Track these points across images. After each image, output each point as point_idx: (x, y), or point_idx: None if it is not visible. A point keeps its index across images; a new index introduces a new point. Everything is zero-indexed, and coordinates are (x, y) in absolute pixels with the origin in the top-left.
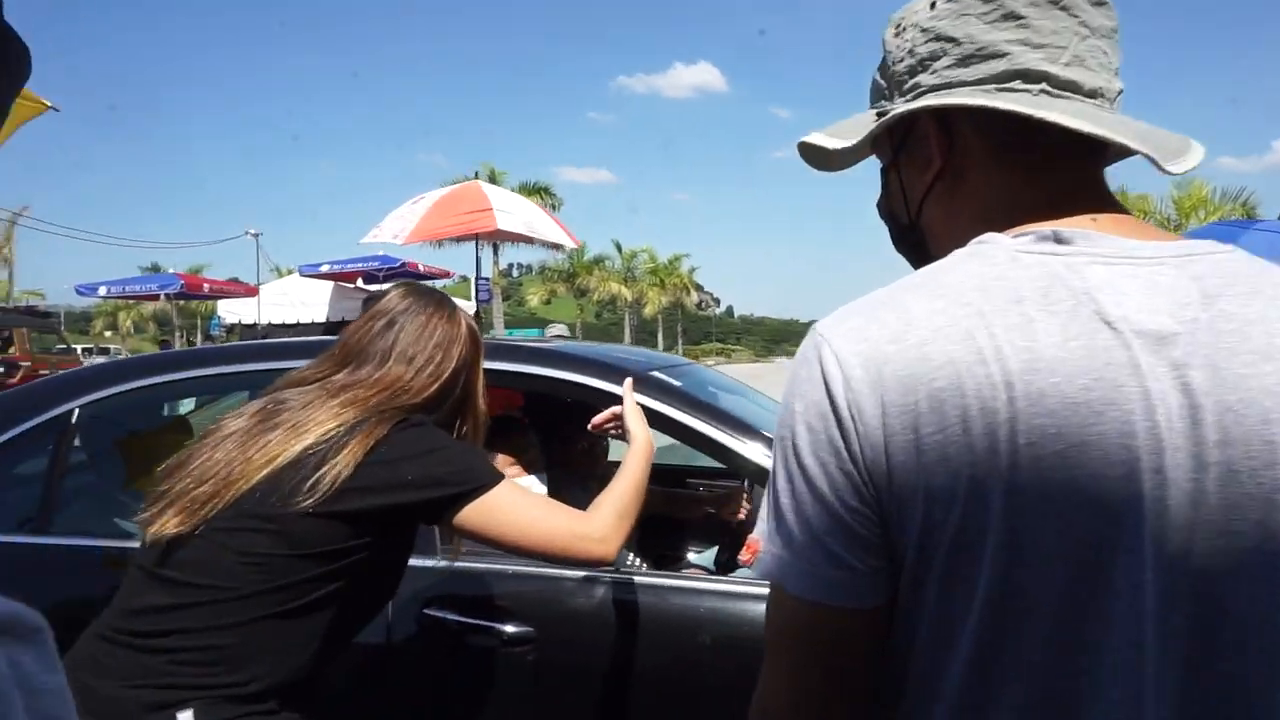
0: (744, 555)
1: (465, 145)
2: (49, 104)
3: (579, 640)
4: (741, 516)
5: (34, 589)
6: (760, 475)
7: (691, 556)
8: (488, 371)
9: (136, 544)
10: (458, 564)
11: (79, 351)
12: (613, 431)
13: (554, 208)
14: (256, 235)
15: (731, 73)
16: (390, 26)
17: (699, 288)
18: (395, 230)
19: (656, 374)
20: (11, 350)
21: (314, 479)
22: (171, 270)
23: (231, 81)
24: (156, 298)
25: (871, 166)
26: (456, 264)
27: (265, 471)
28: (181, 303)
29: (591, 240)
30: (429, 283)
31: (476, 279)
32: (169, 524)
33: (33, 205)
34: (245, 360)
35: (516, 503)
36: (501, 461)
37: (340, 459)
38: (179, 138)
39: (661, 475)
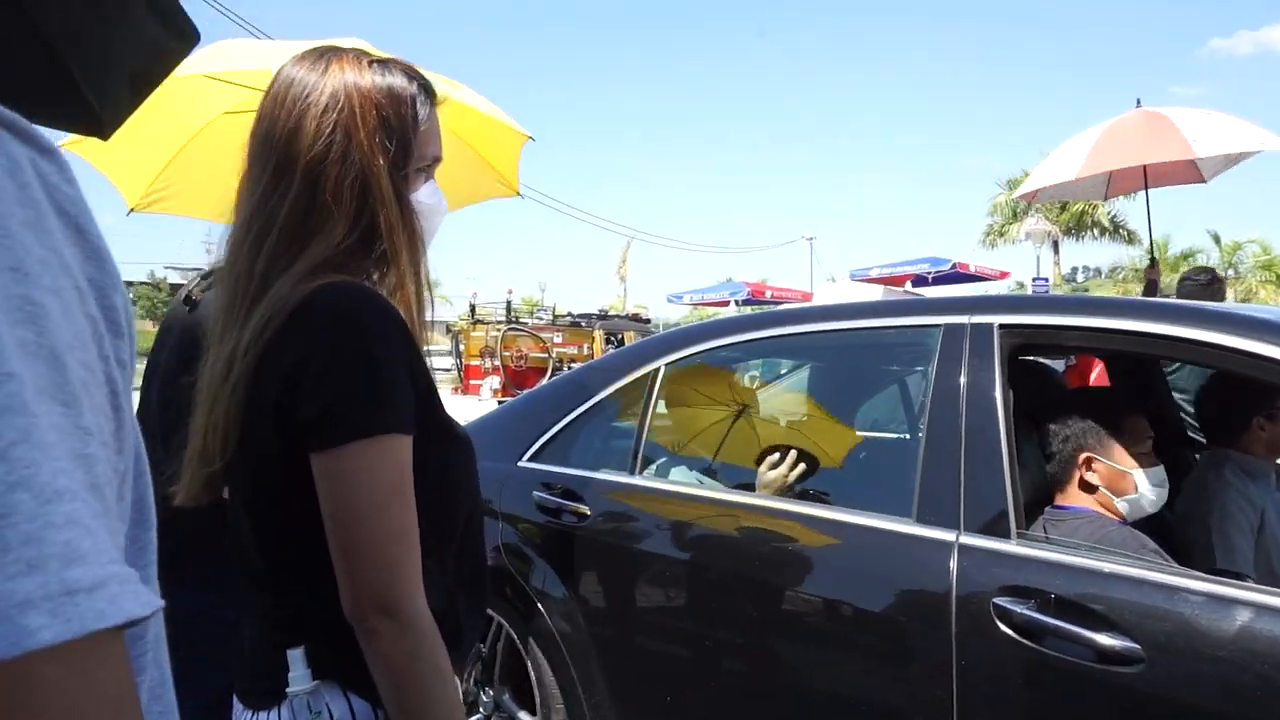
0: None
1: (1014, 143)
2: (528, 135)
3: (1208, 678)
4: None
5: (626, 520)
6: None
7: None
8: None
9: (700, 491)
10: (1038, 552)
11: None
12: None
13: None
14: (810, 240)
15: None
16: (941, 28)
17: None
18: (1056, 175)
19: None
20: None
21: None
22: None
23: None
24: (727, 304)
25: None
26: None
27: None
28: (750, 308)
29: (1175, 233)
30: (980, 284)
31: (1033, 282)
32: (196, 495)
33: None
34: (814, 321)
35: (391, 478)
36: (1118, 448)
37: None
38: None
39: None
